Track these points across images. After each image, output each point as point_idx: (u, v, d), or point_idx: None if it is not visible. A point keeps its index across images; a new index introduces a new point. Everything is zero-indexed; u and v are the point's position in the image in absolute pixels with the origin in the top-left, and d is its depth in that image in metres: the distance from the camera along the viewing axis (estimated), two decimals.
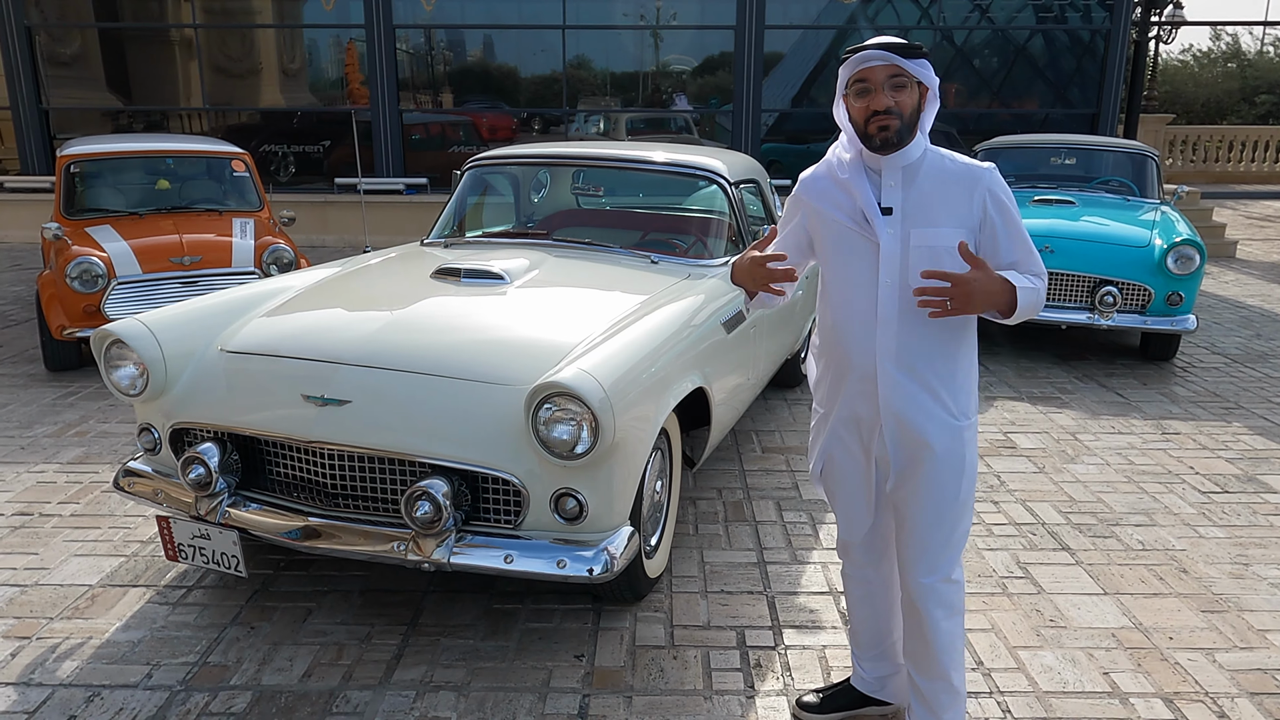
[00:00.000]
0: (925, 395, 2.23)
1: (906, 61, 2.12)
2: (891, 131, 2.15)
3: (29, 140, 12.85)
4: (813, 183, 2.34)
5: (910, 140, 2.19)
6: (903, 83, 2.14)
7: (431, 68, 13.67)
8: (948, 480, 2.26)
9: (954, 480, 2.26)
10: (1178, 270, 6.02)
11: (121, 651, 2.95)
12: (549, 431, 2.67)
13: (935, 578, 2.30)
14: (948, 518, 2.28)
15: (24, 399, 5.44)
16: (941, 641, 2.32)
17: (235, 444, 3.04)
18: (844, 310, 2.27)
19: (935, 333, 2.20)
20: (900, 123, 2.14)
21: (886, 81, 2.13)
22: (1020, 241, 2.21)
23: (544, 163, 4.99)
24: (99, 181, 6.72)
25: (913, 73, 2.13)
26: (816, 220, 2.32)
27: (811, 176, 2.36)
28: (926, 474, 2.26)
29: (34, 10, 12.97)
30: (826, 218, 2.28)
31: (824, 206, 2.29)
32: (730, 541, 3.73)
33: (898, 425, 2.25)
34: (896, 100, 2.13)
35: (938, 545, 2.29)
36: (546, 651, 2.97)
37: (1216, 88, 31.39)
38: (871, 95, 2.14)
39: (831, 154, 2.33)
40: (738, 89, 12.65)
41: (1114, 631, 3.11)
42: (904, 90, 2.14)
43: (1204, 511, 4.07)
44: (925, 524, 2.28)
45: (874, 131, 2.16)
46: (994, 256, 2.20)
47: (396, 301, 3.43)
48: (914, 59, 2.13)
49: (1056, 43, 13.20)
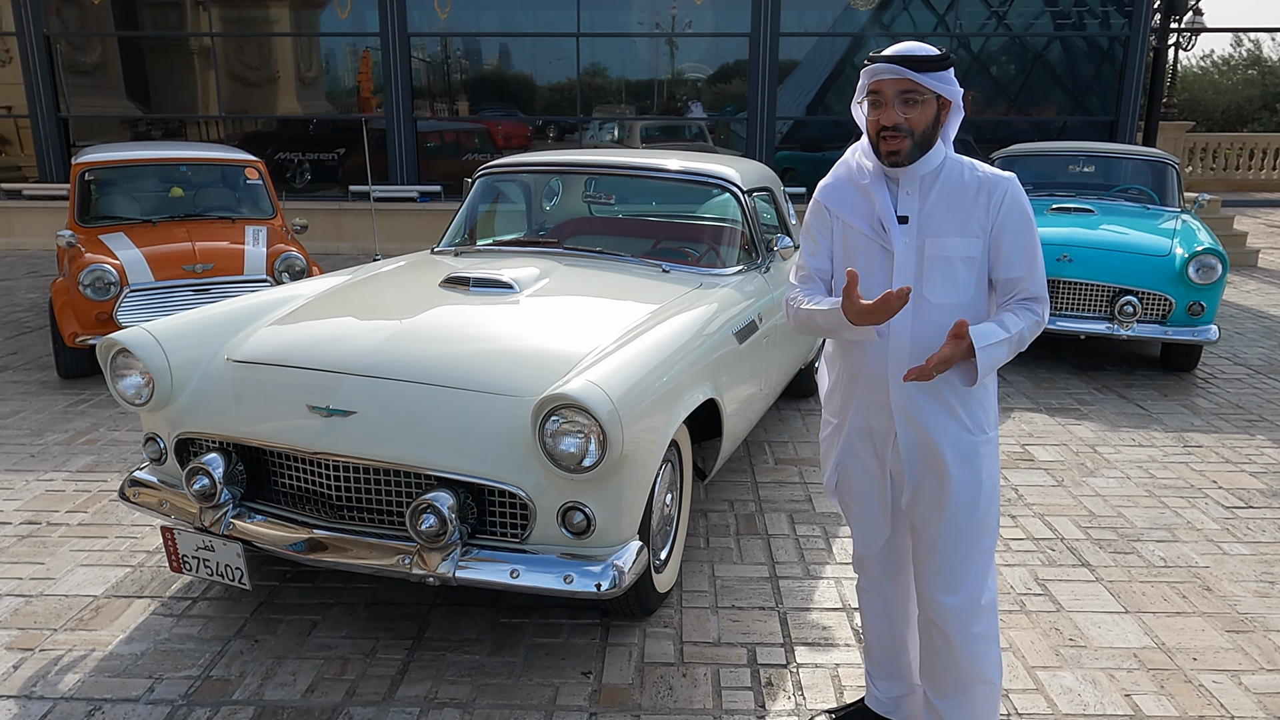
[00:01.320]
0: (939, 408, 2.17)
1: (920, 76, 2.04)
2: (901, 155, 2.08)
3: (47, 148, 12.95)
4: (833, 189, 2.27)
5: (928, 151, 2.12)
6: (915, 98, 2.06)
7: (448, 76, 13.71)
8: (964, 497, 2.19)
9: (971, 497, 2.19)
10: (1199, 280, 5.92)
11: (124, 664, 2.92)
12: (556, 444, 2.62)
13: (956, 597, 2.23)
14: (966, 535, 2.21)
15: (36, 406, 5.44)
16: (962, 664, 2.26)
17: (241, 454, 3.01)
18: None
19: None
20: (911, 141, 2.07)
21: (897, 96, 2.06)
22: (1026, 258, 2.12)
23: (555, 171, 4.96)
24: (113, 189, 6.73)
25: (928, 87, 2.06)
26: (836, 226, 2.26)
27: (831, 183, 2.29)
28: (942, 489, 2.19)
29: (54, 20, 13.08)
30: (846, 224, 2.23)
31: (844, 213, 2.23)
32: (742, 555, 3.67)
33: (912, 438, 2.19)
34: (908, 117, 2.06)
35: (956, 563, 2.22)
36: (553, 668, 2.91)
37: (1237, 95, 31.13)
38: (882, 109, 2.08)
39: (851, 157, 2.26)
40: (752, 96, 12.60)
41: (1136, 652, 3.03)
42: (916, 106, 2.06)
43: (1228, 527, 3.98)
44: (942, 540, 2.22)
45: (882, 150, 2.10)
46: (996, 267, 2.14)
47: (404, 311, 3.39)
48: (929, 72, 2.04)
49: (1075, 49, 13.10)
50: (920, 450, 2.19)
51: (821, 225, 2.30)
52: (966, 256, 2.10)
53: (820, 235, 2.30)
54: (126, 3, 13.61)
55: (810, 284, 2.31)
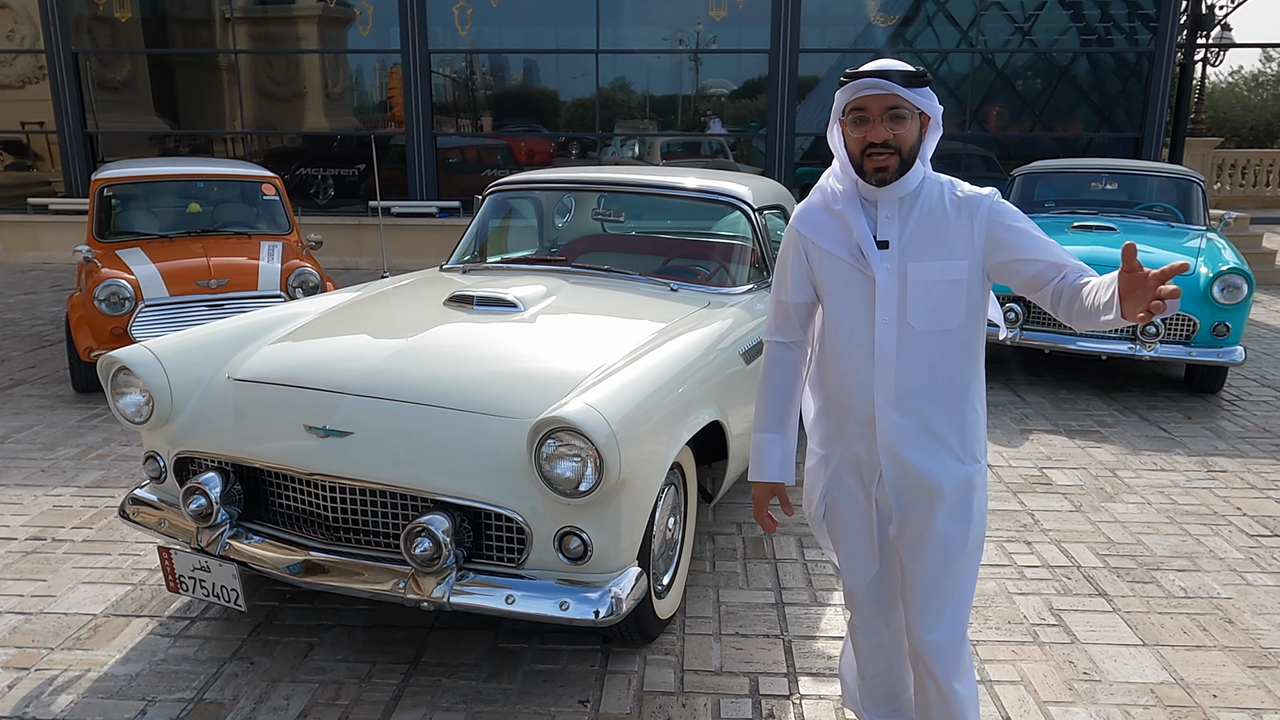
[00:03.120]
0: (928, 438, 2.09)
1: (908, 91, 1.97)
2: (889, 172, 2.01)
3: (73, 163, 13.13)
4: (807, 215, 2.19)
5: (908, 171, 2.04)
6: (902, 114, 1.99)
7: (471, 92, 13.78)
8: (954, 529, 2.11)
9: (961, 529, 2.12)
10: (1224, 300, 5.79)
11: (119, 685, 2.89)
12: (552, 468, 2.57)
13: (939, 633, 2.15)
14: (954, 569, 2.13)
15: (50, 420, 5.47)
16: (958, 705, 2.17)
17: (239, 474, 2.98)
18: (842, 348, 2.14)
19: (939, 370, 2.07)
20: (899, 159, 2.00)
21: (885, 113, 1.99)
22: (1036, 242, 2.02)
23: (565, 188, 4.93)
24: (132, 205, 6.79)
25: (914, 103, 1.99)
26: (814, 254, 2.18)
27: (806, 209, 2.21)
28: (931, 522, 2.11)
29: (85, 37, 13.28)
30: (824, 251, 2.15)
31: (821, 239, 2.15)
32: (748, 580, 3.60)
33: (898, 470, 2.12)
34: (895, 133, 1.99)
35: (942, 599, 2.14)
36: (550, 695, 2.86)
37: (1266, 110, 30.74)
38: (868, 126, 2.00)
39: (825, 181, 2.19)
40: (771, 112, 12.56)
41: (1153, 687, 2.92)
42: (904, 122, 1.99)
43: (1252, 556, 3.86)
44: (930, 575, 2.14)
45: (869, 168, 2.02)
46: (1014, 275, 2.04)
47: (406, 329, 3.37)
48: (916, 88, 1.98)
49: (1100, 65, 12.95)
50: (907, 481, 2.12)
51: (799, 254, 2.21)
52: (952, 280, 2.03)
53: (798, 265, 2.22)
54: (156, 20, 13.81)
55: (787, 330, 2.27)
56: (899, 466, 2.11)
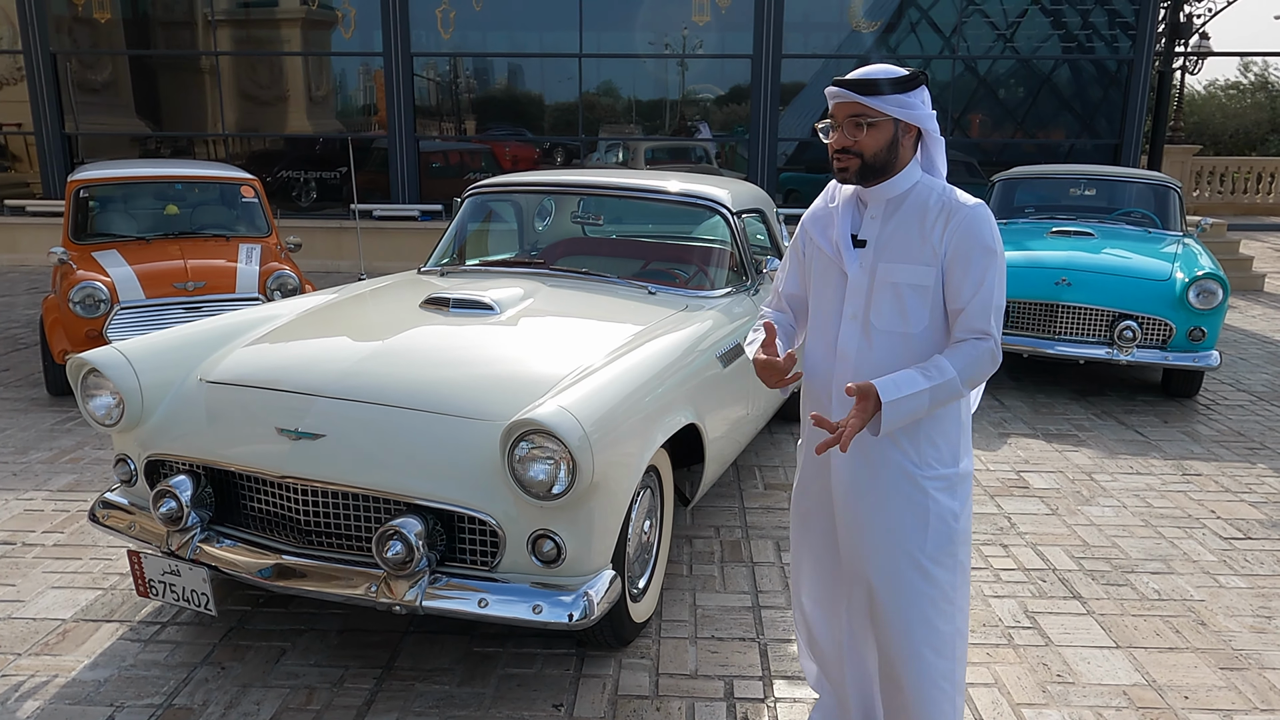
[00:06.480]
0: (881, 439, 2.08)
1: (870, 99, 2.01)
2: (850, 173, 2.08)
3: (51, 164, 13.01)
4: (812, 211, 2.31)
5: (890, 174, 2.09)
6: (863, 121, 2.04)
7: (455, 95, 13.74)
8: (907, 535, 2.11)
9: (916, 536, 2.11)
10: (1199, 305, 5.84)
11: (86, 691, 2.85)
12: (525, 470, 2.56)
13: (908, 642, 2.15)
14: (907, 575, 2.13)
15: (23, 424, 5.41)
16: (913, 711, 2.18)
17: (211, 477, 2.95)
18: (811, 340, 2.23)
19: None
20: (860, 162, 2.06)
21: (846, 120, 2.05)
22: (971, 288, 2.00)
23: (543, 190, 4.92)
24: (109, 206, 6.72)
25: (879, 110, 2.02)
26: (809, 249, 2.29)
27: (813, 206, 2.33)
28: (880, 525, 2.12)
29: (65, 38, 13.17)
30: (815, 246, 2.25)
31: (815, 234, 2.26)
32: (725, 584, 3.59)
33: (844, 468, 2.13)
34: (856, 140, 2.04)
35: (904, 604, 2.14)
36: (524, 700, 2.84)
37: (1245, 119, 31.07)
38: (837, 132, 2.08)
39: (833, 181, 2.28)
40: (754, 118, 12.59)
41: (1125, 689, 2.93)
42: (864, 129, 2.04)
43: (1225, 559, 3.88)
44: (883, 581, 2.14)
45: (835, 169, 2.11)
46: (947, 297, 2.07)
47: (381, 331, 3.35)
48: (881, 95, 2.00)
49: (1081, 72, 13.05)
50: (854, 481, 2.14)
51: (797, 248, 2.34)
52: (916, 284, 2.04)
53: (795, 257, 2.34)
54: (137, 22, 13.71)
55: (776, 309, 2.32)
56: (844, 465, 2.15)
